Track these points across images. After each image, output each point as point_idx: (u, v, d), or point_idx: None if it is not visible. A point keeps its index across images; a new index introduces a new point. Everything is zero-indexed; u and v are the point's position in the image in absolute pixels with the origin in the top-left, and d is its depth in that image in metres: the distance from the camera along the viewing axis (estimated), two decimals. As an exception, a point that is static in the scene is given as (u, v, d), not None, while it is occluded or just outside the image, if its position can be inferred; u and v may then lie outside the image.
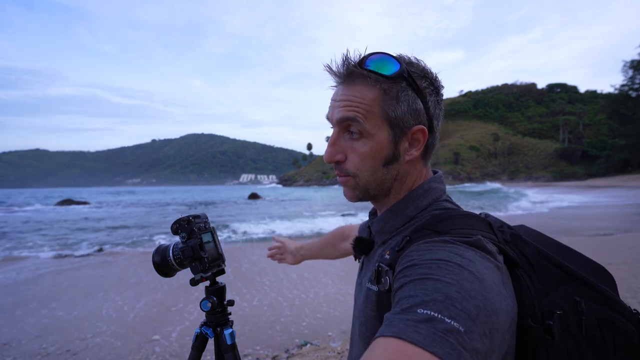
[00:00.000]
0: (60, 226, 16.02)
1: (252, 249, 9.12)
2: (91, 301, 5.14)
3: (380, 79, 0.63)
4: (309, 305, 4.76)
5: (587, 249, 7.68)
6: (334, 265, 6.99)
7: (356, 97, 0.64)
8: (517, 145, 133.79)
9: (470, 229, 0.58)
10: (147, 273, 6.58)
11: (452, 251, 0.50)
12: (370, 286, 0.65)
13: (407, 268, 0.51)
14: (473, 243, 0.53)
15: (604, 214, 15.37)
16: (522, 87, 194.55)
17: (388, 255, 0.61)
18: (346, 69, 0.65)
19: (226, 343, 1.01)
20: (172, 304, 4.87)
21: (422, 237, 0.58)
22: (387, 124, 0.64)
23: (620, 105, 62.97)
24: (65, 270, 7.17)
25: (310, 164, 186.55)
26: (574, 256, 0.65)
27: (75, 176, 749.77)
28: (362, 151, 0.65)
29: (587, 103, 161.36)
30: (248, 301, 4.94)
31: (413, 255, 0.53)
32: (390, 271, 0.57)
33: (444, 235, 0.56)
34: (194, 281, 0.98)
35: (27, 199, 55.56)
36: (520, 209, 19.15)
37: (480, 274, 0.48)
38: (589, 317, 0.55)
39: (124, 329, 4.11)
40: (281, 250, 1.45)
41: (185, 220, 0.96)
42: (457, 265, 0.48)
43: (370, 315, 0.63)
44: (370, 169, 0.66)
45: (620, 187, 41.61)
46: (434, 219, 0.62)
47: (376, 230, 0.72)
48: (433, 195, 0.69)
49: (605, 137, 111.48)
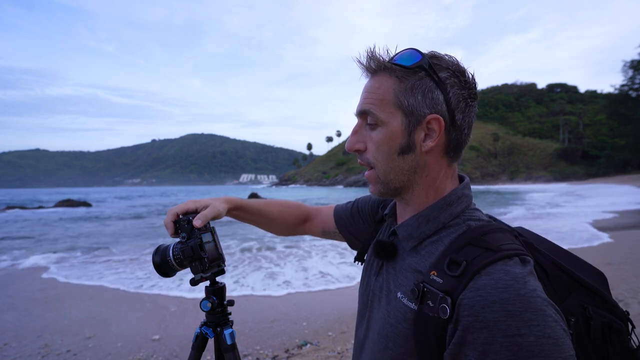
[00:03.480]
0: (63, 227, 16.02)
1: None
2: (91, 301, 5.15)
3: (397, 69, 0.65)
4: (309, 305, 4.75)
5: (588, 250, 7.68)
6: (335, 265, 7.00)
7: (373, 88, 0.67)
8: (517, 145, 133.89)
9: (511, 243, 0.59)
10: (147, 272, 6.59)
11: (525, 315, 0.49)
12: (405, 301, 0.63)
13: (486, 344, 0.49)
14: (529, 270, 0.55)
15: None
16: (522, 87, 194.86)
17: (438, 278, 0.58)
18: (371, 63, 0.67)
19: (226, 343, 1.01)
20: (172, 304, 4.87)
21: (478, 260, 0.56)
22: (400, 112, 0.65)
23: (620, 105, 62.89)
24: (64, 271, 7.18)
25: (310, 164, 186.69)
26: (579, 263, 0.68)
27: (75, 176, 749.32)
28: (376, 139, 0.67)
29: (587, 103, 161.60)
30: (248, 301, 4.94)
31: (486, 314, 0.50)
32: (449, 298, 0.54)
33: (498, 253, 0.56)
34: (194, 281, 0.99)
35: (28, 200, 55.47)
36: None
37: (561, 342, 0.49)
38: (596, 323, 0.59)
39: (123, 329, 4.11)
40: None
41: (185, 220, 0.96)
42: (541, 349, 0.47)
43: (404, 333, 0.61)
44: (385, 157, 0.67)
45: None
46: (475, 232, 0.62)
47: (404, 236, 0.70)
48: (465, 202, 0.69)
49: (605, 137, 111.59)
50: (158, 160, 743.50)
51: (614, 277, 5.34)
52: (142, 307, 4.80)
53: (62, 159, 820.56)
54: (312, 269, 6.74)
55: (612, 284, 4.73)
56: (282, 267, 7.07)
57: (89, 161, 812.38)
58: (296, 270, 6.74)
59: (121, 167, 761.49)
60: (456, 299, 0.54)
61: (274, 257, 8.08)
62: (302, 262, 7.38)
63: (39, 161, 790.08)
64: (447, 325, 0.54)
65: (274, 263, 7.45)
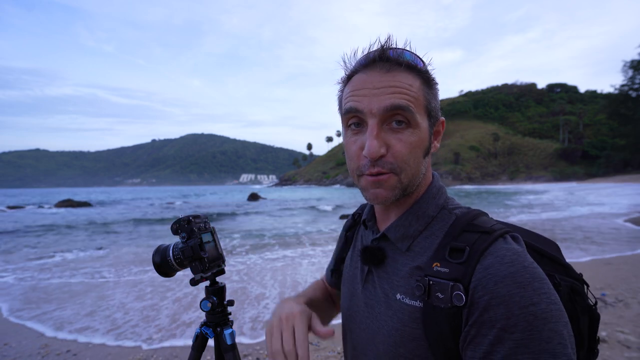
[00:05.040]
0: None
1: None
2: (90, 301, 5.15)
3: (423, 71, 0.64)
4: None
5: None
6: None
7: (403, 85, 0.62)
8: (517, 145, 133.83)
9: (497, 224, 0.62)
10: (147, 273, 6.59)
11: (534, 284, 0.52)
12: (408, 301, 0.62)
13: (504, 319, 0.51)
14: (519, 240, 0.59)
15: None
16: (522, 87, 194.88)
17: (443, 268, 0.58)
18: (389, 56, 0.63)
19: (226, 343, 1.01)
20: (172, 304, 4.87)
21: (479, 243, 0.57)
22: (426, 114, 0.64)
23: (620, 105, 62.88)
24: (64, 270, 7.17)
25: (310, 164, 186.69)
26: (535, 236, 0.72)
27: (75, 176, 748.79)
28: (410, 141, 0.62)
29: (587, 103, 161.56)
30: (249, 301, 4.94)
31: (500, 289, 0.52)
32: (460, 285, 0.55)
33: (493, 234, 0.58)
34: (194, 281, 0.99)
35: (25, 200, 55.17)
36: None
37: (558, 304, 0.52)
38: (564, 290, 0.62)
39: (124, 329, 4.11)
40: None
41: (185, 220, 0.96)
42: (552, 318, 0.50)
43: (414, 334, 0.60)
44: (416, 161, 0.64)
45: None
46: (464, 219, 0.63)
47: (397, 237, 0.68)
48: (444, 193, 0.70)
49: (605, 137, 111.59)
50: (158, 160, 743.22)
51: (614, 277, 5.33)
52: (142, 307, 4.80)
53: (62, 159, 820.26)
54: (312, 268, 6.74)
55: (612, 284, 4.72)
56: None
57: (89, 161, 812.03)
58: (296, 270, 6.73)
59: (121, 167, 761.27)
60: (468, 283, 0.54)
61: (272, 256, 8.08)
62: (301, 261, 7.39)
63: (39, 161, 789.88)
64: (461, 313, 0.55)
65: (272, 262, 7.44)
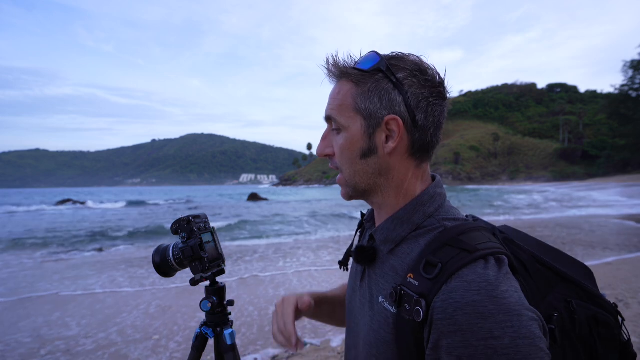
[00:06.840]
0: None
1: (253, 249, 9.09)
2: (90, 301, 5.15)
3: (354, 74, 0.66)
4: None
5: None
6: (334, 265, 6.99)
7: (334, 94, 0.68)
8: (517, 145, 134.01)
9: (488, 242, 0.59)
10: (147, 272, 6.59)
11: (497, 316, 0.49)
12: (386, 305, 0.63)
13: (461, 348, 0.49)
14: (504, 269, 0.55)
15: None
16: (522, 87, 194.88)
17: (414, 280, 0.58)
18: (332, 69, 0.69)
19: (226, 343, 1.01)
20: (172, 304, 4.86)
21: (454, 261, 0.55)
22: (359, 115, 0.65)
23: (620, 105, 62.95)
24: (64, 270, 7.17)
25: (310, 164, 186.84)
26: (561, 257, 0.68)
27: (75, 176, 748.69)
28: (339, 143, 0.68)
29: (587, 103, 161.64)
30: (249, 301, 4.94)
31: (459, 317, 0.50)
32: (423, 301, 0.54)
33: (475, 253, 0.55)
34: (194, 281, 0.98)
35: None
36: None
37: (532, 335, 0.49)
38: (580, 316, 0.58)
39: (123, 329, 4.11)
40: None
41: (185, 221, 0.96)
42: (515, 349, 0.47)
43: (386, 338, 0.61)
44: (348, 161, 0.67)
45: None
46: (452, 232, 0.61)
47: (381, 239, 0.69)
48: (438, 201, 0.68)
49: (605, 137, 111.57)
50: (158, 160, 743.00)
51: (613, 277, 5.34)
52: (141, 307, 4.80)
53: (62, 159, 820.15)
54: (311, 268, 6.74)
55: (612, 284, 4.72)
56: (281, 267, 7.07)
57: (89, 161, 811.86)
58: (296, 270, 6.74)
59: (121, 167, 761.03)
60: (431, 301, 0.54)
61: (274, 256, 8.09)
62: (301, 260, 7.39)
63: (39, 161, 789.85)
64: (423, 329, 0.54)
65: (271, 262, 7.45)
